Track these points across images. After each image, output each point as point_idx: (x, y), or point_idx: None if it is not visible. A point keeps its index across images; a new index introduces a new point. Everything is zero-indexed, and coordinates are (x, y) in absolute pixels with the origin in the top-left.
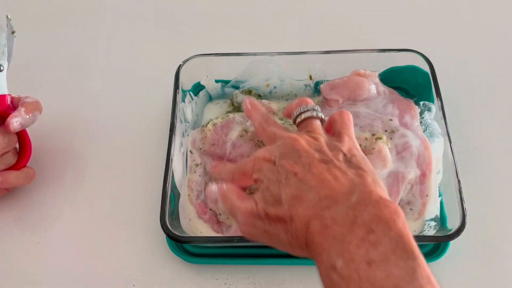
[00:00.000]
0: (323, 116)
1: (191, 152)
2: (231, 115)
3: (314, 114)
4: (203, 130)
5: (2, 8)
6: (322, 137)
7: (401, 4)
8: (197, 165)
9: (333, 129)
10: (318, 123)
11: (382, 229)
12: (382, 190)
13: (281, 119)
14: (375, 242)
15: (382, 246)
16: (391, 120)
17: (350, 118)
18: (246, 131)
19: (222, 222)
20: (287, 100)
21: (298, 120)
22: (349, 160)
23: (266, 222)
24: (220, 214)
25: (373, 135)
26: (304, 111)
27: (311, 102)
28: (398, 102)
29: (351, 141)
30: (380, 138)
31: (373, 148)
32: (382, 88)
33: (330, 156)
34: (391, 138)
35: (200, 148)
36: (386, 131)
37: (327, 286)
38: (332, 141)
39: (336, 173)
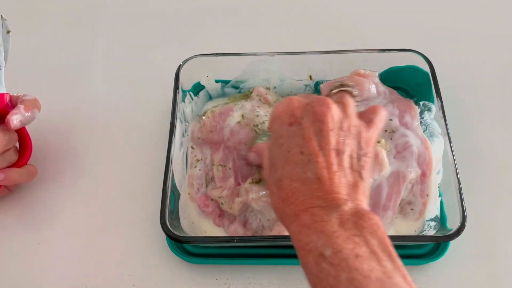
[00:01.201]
0: (357, 100)
1: (192, 148)
2: (230, 104)
3: (352, 90)
4: (202, 119)
5: (1, 6)
6: (352, 116)
7: (401, 4)
8: (198, 160)
9: (365, 115)
10: (351, 100)
11: (366, 235)
12: (366, 200)
13: None
14: (359, 243)
15: (366, 248)
16: (391, 120)
17: (386, 116)
18: (243, 116)
19: (224, 211)
20: None
21: (334, 91)
22: (359, 158)
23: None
24: (222, 203)
25: None
26: (344, 85)
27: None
28: (398, 102)
29: (376, 131)
30: (378, 142)
31: None
32: (382, 88)
33: (345, 147)
34: (391, 138)
35: (199, 138)
36: (386, 131)
37: (315, 272)
38: (360, 124)
39: (338, 173)
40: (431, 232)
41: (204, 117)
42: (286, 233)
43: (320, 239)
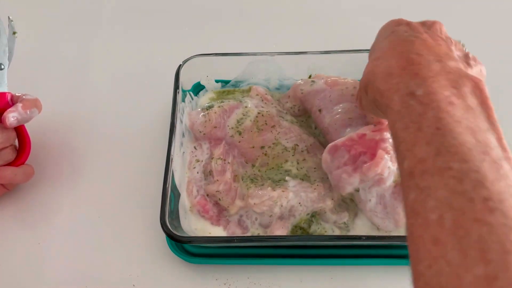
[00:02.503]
0: None
1: (195, 148)
2: (232, 101)
3: None
4: (208, 113)
5: (3, 7)
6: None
7: (401, 4)
8: (197, 161)
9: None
10: None
11: (464, 91)
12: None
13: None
14: (456, 94)
15: (462, 101)
16: None
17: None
18: (245, 115)
19: (222, 213)
20: None
21: None
22: (466, 55)
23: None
24: (220, 199)
25: None
26: None
27: None
28: None
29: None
30: None
31: None
32: None
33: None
34: None
35: (200, 132)
36: None
37: (396, 109)
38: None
39: (442, 41)
40: None
41: (210, 111)
42: (286, 232)
43: (413, 79)
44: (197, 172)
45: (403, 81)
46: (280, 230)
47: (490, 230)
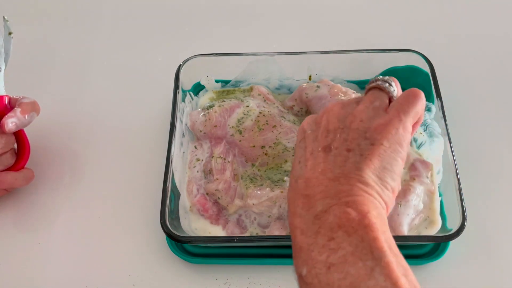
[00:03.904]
0: (393, 94)
1: (195, 147)
2: (233, 100)
3: (382, 85)
4: (208, 112)
5: (0, 8)
6: (360, 110)
7: (401, 4)
8: (198, 160)
9: (395, 101)
10: (377, 95)
11: (342, 235)
12: (367, 186)
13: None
14: (335, 248)
15: (342, 250)
16: None
17: (418, 98)
18: (246, 114)
19: (221, 212)
20: None
21: (366, 88)
22: (361, 148)
23: None
24: (219, 197)
25: None
26: (376, 81)
27: (393, 79)
28: None
29: (397, 117)
30: None
31: None
32: None
33: (340, 143)
34: None
35: (201, 131)
36: None
37: None
38: (372, 115)
39: (325, 168)
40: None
41: (211, 110)
42: (285, 233)
43: (298, 257)
44: (197, 171)
45: (295, 262)
46: (279, 230)
47: None
